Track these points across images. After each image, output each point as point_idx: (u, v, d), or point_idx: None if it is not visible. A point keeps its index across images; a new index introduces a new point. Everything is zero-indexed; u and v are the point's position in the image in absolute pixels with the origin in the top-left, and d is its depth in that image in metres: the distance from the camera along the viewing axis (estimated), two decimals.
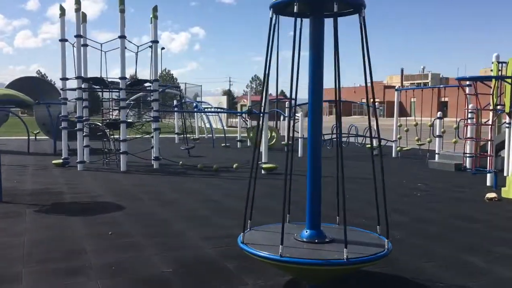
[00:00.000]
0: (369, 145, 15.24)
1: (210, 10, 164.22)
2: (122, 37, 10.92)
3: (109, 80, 11.50)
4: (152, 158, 11.71)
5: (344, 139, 16.91)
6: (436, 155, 12.26)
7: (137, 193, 8.02)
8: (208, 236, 5.28)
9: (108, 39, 12.13)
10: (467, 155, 10.76)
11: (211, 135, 21.36)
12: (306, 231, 3.68)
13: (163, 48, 14.20)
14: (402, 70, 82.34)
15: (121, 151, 10.93)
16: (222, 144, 18.22)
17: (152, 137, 12.02)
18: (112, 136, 11.88)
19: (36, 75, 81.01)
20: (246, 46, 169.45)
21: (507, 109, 8.19)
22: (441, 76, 78.88)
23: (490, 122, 9.01)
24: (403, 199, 7.66)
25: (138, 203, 7.10)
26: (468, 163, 11.22)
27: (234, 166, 11.07)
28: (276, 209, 6.59)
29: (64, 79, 11.60)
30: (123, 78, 10.96)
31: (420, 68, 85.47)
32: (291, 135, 3.92)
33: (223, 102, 42.58)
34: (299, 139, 15.03)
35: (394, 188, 8.75)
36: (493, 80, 8.73)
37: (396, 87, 15.52)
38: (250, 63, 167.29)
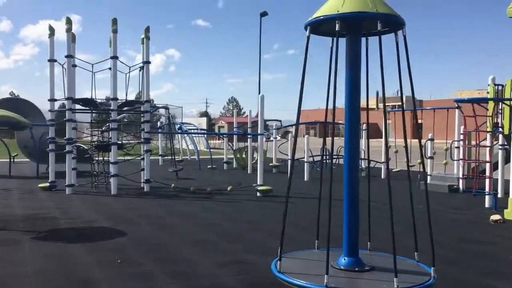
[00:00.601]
0: (360, 168, 15.46)
1: (186, 32, 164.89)
2: (114, 57, 10.72)
3: (99, 101, 11.22)
4: (143, 180, 11.41)
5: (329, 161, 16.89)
6: (428, 177, 12.29)
7: (134, 217, 7.74)
8: (220, 262, 5.06)
9: (84, 60, 11.87)
10: (464, 176, 10.82)
11: (195, 157, 21.13)
12: (344, 259, 3.52)
13: (141, 69, 14.04)
14: (377, 93, 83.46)
15: (111, 174, 10.61)
16: (209, 166, 17.99)
17: (143, 159, 11.74)
18: (102, 158, 11.54)
19: (10, 96, 79.40)
20: (221, 68, 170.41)
21: (506, 131, 8.26)
22: (416, 99, 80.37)
23: (487, 143, 9.05)
24: (407, 221, 7.56)
25: (138, 228, 6.83)
26: (462, 184, 11.29)
27: (229, 188, 10.86)
28: (287, 234, 6.43)
29: (52, 100, 11.29)
30: (114, 99, 10.72)
31: (394, 91, 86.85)
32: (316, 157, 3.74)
33: (203, 123, 42.43)
34: (289, 161, 14.89)
35: (394, 210, 8.65)
36: (490, 102, 8.84)
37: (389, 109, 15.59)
38: (225, 85, 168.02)
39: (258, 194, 10.41)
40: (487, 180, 9.05)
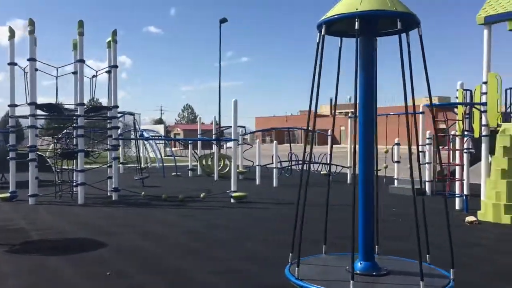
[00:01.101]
0: (324, 172, 15.61)
1: (137, 39, 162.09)
2: (81, 61, 10.30)
3: (64, 106, 10.76)
4: (110, 189, 11.00)
5: (294, 167, 16.95)
6: (395, 181, 12.54)
7: (110, 227, 7.41)
8: (216, 271, 4.89)
9: (48, 64, 11.37)
10: (433, 179, 11.10)
11: (155, 164, 20.68)
12: (361, 263, 3.45)
13: (94, 76, 13.53)
14: (331, 100, 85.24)
15: (78, 183, 10.16)
16: (173, 173, 17.62)
17: (109, 166, 11.33)
18: (67, 167, 11.03)
19: None
20: (174, 75, 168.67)
21: (476, 134, 8.52)
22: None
23: (457, 147, 9.30)
24: (388, 225, 7.63)
25: (118, 238, 6.53)
26: (427, 188, 11.57)
27: (202, 195, 10.63)
28: (276, 240, 6.35)
29: (13, 105, 10.71)
30: (81, 104, 10.29)
31: (347, 98, 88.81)
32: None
33: (160, 130, 41.69)
34: (257, 167, 14.82)
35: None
36: (459, 106, 9.10)
37: (349, 115, 15.86)
38: (179, 92, 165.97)
39: (232, 200, 10.24)
40: (457, 183, 9.28)
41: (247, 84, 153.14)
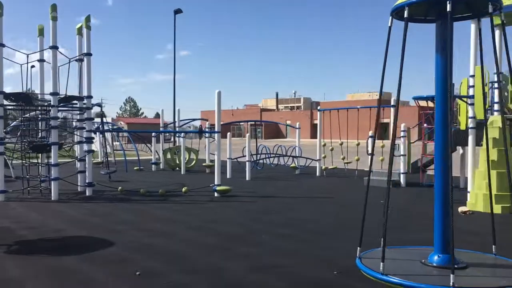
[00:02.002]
0: (293, 165, 15.64)
1: (73, 30, 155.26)
2: (54, 47, 9.62)
3: (33, 96, 10.04)
4: (85, 184, 10.41)
5: (264, 160, 16.87)
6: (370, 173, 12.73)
7: (106, 224, 6.98)
8: (254, 267, 4.69)
9: (18, 50, 10.59)
10: (406, 172, 11.37)
11: (111, 159, 19.88)
12: (438, 256, 3.39)
13: (33, 67, 12.66)
14: (277, 94, 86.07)
15: (52, 177, 9.53)
16: (135, 168, 17.00)
17: (80, 160, 10.72)
18: (36, 161, 10.31)
19: None
20: (111, 68, 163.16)
21: (463, 127, 8.79)
22: (312, 100, 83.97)
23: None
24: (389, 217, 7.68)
25: (122, 236, 6.14)
26: (402, 179, 11.87)
27: (184, 189, 10.29)
28: (288, 233, 6.23)
29: None
30: (55, 93, 9.63)
31: (291, 92, 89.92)
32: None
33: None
34: (228, 160, 14.59)
35: (360, 205, 8.83)
36: None
37: (318, 108, 15.91)
38: (117, 85, 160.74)
39: (216, 194, 9.99)
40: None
41: (185, 78, 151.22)
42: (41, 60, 11.27)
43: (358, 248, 3.79)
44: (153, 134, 17.90)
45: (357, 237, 4.55)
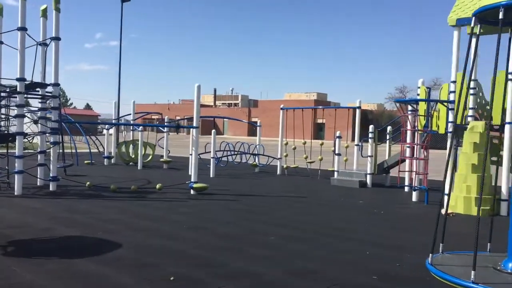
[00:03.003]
0: (253, 163, 15.53)
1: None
2: (22, 29, 8.85)
3: None
4: (49, 178, 9.66)
5: (226, 158, 16.61)
6: (335, 173, 12.91)
7: (95, 222, 6.49)
8: (291, 270, 4.53)
9: None
10: (372, 173, 11.64)
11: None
12: None
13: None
14: (215, 90, 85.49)
15: (16, 170, 8.77)
16: (86, 161, 16.12)
17: (42, 152, 9.96)
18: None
19: None
20: None
21: (442, 131, 9.10)
22: (249, 98, 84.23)
23: (418, 142, 9.82)
24: (376, 218, 7.80)
25: (122, 236, 5.74)
26: (368, 180, 12.12)
27: (158, 186, 9.86)
28: (296, 235, 6.12)
29: None
30: (21, 79, 8.87)
31: (228, 89, 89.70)
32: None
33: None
34: (191, 157, 14.19)
35: (342, 206, 8.94)
36: (421, 103, 9.65)
37: (281, 106, 15.87)
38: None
39: (192, 192, 9.67)
40: (422, 176, 9.76)
41: (114, 69, 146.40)
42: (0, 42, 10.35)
43: (430, 254, 3.72)
44: (106, 126, 17.05)
45: (370, 240, 4.52)
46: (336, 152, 13.08)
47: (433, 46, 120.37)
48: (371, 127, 12.34)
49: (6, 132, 9.57)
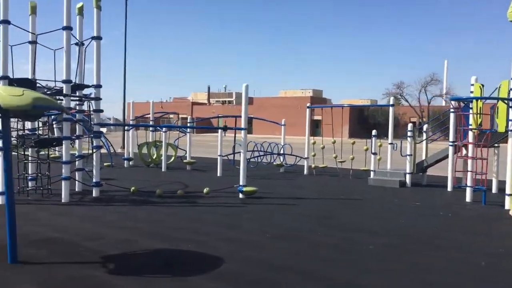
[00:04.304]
0: (279, 163, 15.22)
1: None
2: (68, 28, 8.45)
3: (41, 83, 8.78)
4: (92, 183, 9.28)
5: (256, 159, 16.27)
6: (371, 172, 12.67)
7: (167, 232, 6.17)
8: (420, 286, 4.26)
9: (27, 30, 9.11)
10: (412, 172, 11.41)
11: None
12: None
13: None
14: (209, 88, 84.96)
15: (63, 177, 8.38)
16: (106, 164, 15.65)
17: (83, 157, 9.57)
18: (37, 157, 9.00)
19: None
20: None
21: (501, 129, 8.88)
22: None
23: (470, 140, 9.58)
24: (449, 222, 7.57)
25: (213, 247, 5.44)
26: (408, 179, 11.89)
27: (205, 191, 9.52)
28: (381, 244, 5.85)
29: None
30: (67, 81, 8.47)
31: (221, 86, 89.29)
32: None
33: None
34: (218, 158, 13.86)
35: (404, 209, 8.70)
36: (475, 101, 9.41)
37: (307, 105, 15.57)
38: None
39: (240, 195, 9.34)
40: (482, 177, 9.48)
41: (105, 66, 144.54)
42: (33, 42, 9.87)
43: None
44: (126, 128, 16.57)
45: (475, 249, 4.20)
46: (372, 151, 12.85)
47: (426, 41, 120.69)
48: (409, 126, 12.12)
49: (48, 136, 9.15)
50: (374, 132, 13.05)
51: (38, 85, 8.72)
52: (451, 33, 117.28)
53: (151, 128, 17.31)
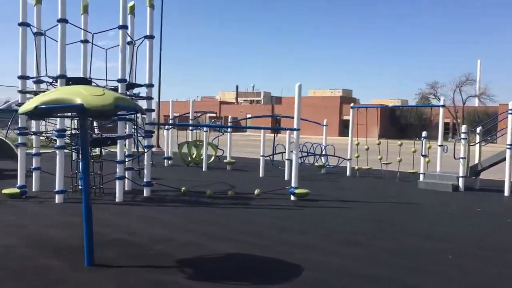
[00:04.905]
0: (320, 164, 14.96)
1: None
2: (123, 27, 8.42)
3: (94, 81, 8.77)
4: (143, 183, 9.23)
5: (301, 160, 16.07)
6: (421, 175, 12.31)
7: (231, 235, 6.02)
8: None
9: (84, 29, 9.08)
10: (465, 175, 11.03)
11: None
12: None
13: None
14: (237, 87, 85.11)
15: (117, 176, 8.36)
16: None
17: (133, 157, 9.54)
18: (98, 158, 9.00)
19: None
20: None
21: None
22: (271, 94, 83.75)
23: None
24: None
25: (288, 253, 5.26)
26: (461, 183, 11.49)
27: (256, 192, 9.37)
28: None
29: (23, 77, 8.47)
30: (122, 80, 8.44)
31: (249, 85, 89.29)
32: None
33: None
34: (261, 158, 13.71)
35: (471, 214, 8.37)
36: None
37: (351, 105, 15.31)
38: None
39: (292, 197, 9.14)
40: None
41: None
42: (85, 41, 9.89)
43: None
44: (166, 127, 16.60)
45: None
46: (423, 153, 12.48)
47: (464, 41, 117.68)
48: (463, 127, 11.73)
49: (100, 135, 9.15)
50: (424, 133, 12.66)
51: (93, 84, 8.70)
52: (486, 33, 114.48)
53: (190, 128, 17.29)
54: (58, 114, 6.66)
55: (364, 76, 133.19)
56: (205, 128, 15.35)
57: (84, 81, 8.50)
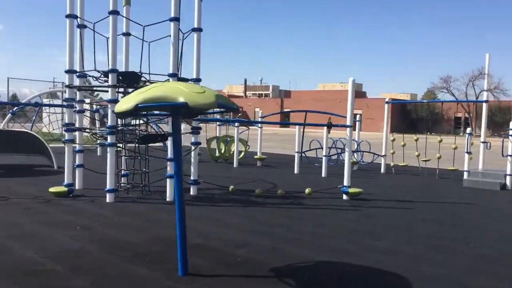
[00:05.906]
0: (352, 161, 14.59)
1: None
2: (175, 19, 8.07)
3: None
4: (190, 181, 8.92)
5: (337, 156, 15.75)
6: (465, 173, 11.96)
7: (306, 238, 5.69)
8: None
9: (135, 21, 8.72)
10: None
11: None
12: None
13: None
14: (245, 80, 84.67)
15: (168, 175, 8.05)
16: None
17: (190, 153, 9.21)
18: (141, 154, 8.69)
19: None
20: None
21: None
22: (280, 88, 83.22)
23: None
24: None
25: (370, 259, 4.95)
26: (508, 181, 11.16)
27: (307, 191, 9.06)
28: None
29: (71, 71, 8.16)
30: (173, 75, 8.12)
31: (257, 79, 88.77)
32: None
33: None
34: (296, 154, 13.39)
35: None
36: None
37: (386, 100, 14.94)
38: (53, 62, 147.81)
39: (344, 197, 8.82)
40: None
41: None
42: (127, 34, 9.55)
43: None
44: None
45: None
46: (468, 150, 12.12)
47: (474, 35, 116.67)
48: None
49: (147, 132, 8.84)
50: (468, 130, 12.32)
51: (142, 78, 8.37)
52: (500, 27, 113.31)
53: (218, 123, 16.95)
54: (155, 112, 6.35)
55: (373, 69, 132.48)
56: (236, 124, 15.03)
57: (134, 75, 8.17)
